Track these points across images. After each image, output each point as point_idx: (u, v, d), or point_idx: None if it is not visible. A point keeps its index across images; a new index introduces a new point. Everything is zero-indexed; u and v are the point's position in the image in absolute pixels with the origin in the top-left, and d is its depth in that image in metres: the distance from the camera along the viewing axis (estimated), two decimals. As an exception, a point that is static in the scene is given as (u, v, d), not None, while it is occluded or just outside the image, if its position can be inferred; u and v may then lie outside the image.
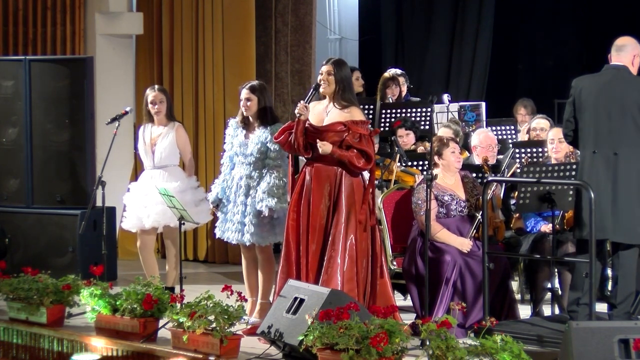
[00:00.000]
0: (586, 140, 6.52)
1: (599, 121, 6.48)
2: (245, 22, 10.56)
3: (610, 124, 6.47)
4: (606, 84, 6.54)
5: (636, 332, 5.50)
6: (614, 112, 6.48)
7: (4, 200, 9.52)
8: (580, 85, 6.60)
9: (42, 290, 7.30)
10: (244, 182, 7.32)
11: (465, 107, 9.98)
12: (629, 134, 6.48)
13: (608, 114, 6.48)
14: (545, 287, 7.24)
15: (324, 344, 5.75)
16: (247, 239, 7.27)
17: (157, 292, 6.84)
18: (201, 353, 6.34)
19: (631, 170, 6.46)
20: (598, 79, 6.60)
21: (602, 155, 6.45)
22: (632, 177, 6.46)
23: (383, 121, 9.99)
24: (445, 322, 5.59)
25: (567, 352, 5.49)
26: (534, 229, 7.54)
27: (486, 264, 6.55)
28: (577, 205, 6.56)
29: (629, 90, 6.52)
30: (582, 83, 6.61)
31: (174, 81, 10.70)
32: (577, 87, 6.60)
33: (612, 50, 6.62)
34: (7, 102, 9.47)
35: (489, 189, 6.96)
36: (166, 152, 8.13)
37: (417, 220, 7.23)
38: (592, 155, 6.48)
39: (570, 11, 13.30)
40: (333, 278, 6.62)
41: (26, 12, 10.49)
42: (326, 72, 6.79)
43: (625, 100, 6.48)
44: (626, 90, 6.51)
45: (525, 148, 8.63)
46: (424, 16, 13.79)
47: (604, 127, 6.47)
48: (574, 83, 6.63)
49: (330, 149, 6.65)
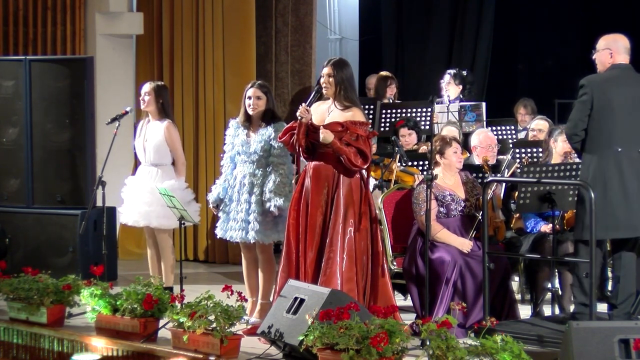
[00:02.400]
0: (607, 138, 6.41)
1: (623, 119, 6.41)
2: (245, 22, 10.56)
3: (632, 121, 6.45)
4: (621, 82, 6.50)
5: (636, 332, 5.50)
6: (634, 109, 6.46)
7: (4, 200, 9.52)
8: (594, 84, 6.49)
9: (43, 290, 7.30)
10: (248, 180, 7.32)
11: (465, 107, 9.97)
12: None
13: (629, 112, 6.45)
14: (545, 287, 7.24)
15: (324, 344, 5.75)
16: (252, 237, 7.26)
17: (158, 292, 6.84)
18: (201, 353, 6.34)
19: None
20: (611, 78, 6.51)
21: (627, 153, 6.40)
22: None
23: (383, 121, 10.00)
24: (446, 322, 5.60)
25: (567, 352, 5.49)
26: (534, 229, 7.53)
27: (486, 264, 6.56)
28: (583, 206, 6.45)
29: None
30: (595, 82, 6.50)
31: (174, 81, 10.69)
32: (591, 86, 6.47)
33: (622, 50, 6.56)
34: (7, 102, 9.47)
35: (489, 189, 6.96)
36: (156, 150, 8.07)
37: (417, 220, 7.23)
38: (617, 154, 6.38)
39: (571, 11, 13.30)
40: (332, 278, 6.62)
41: (26, 12, 10.49)
42: (326, 74, 6.81)
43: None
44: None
45: (525, 148, 8.63)
46: (424, 16, 13.78)
47: (628, 125, 6.42)
48: (587, 82, 6.50)
49: (331, 138, 6.65)
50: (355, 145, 6.68)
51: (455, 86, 10.33)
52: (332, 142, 6.66)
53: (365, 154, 6.71)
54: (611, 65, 6.55)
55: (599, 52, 6.61)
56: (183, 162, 8.22)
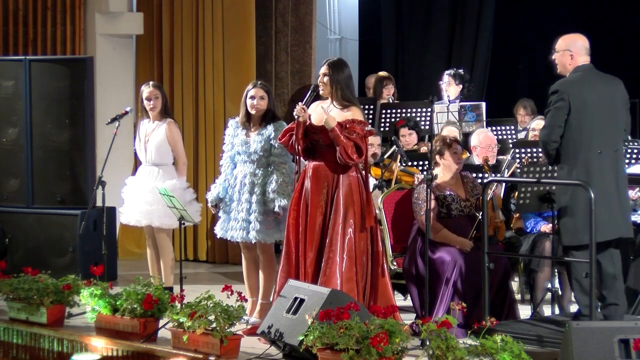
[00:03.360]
0: (588, 141, 6.34)
1: (601, 121, 6.37)
2: (245, 22, 10.56)
3: (609, 122, 6.44)
4: (591, 82, 6.46)
5: (636, 332, 5.50)
6: (608, 110, 6.44)
7: (4, 200, 9.52)
8: (568, 88, 6.39)
9: (42, 290, 7.30)
10: (248, 180, 7.32)
11: (465, 107, 9.98)
12: (621, 130, 6.50)
13: (605, 112, 6.43)
14: (545, 287, 7.24)
15: (324, 344, 5.75)
16: (253, 237, 7.27)
17: (157, 292, 6.84)
18: (201, 353, 6.34)
19: (624, 165, 6.51)
20: (581, 79, 6.45)
21: (607, 154, 6.36)
22: (625, 172, 6.48)
23: (383, 121, 10.00)
24: (446, 322, 5.59)
25: (567, 352, 5.49)
26: (534, 229, 7.54)
27: (486, 264, 6.55)
28: (574, 210, 6.38)
29: (616, 88, 6.50)
30: (568, 86, 6.41)
31: (174, 81, 10.70)
32: (566, 91, 6.38)
33: (583, 51, 6.53)
34: (7, 102, 9.48)
35: (489, 189, 6.96)
36: (158, 149, 8.08)
37: (417, 220, 7.23)
38: (598, 156, 6.33)
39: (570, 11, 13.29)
40: (332, 278, 6.62)
41: (26, 12, 10.50)
42: (322, 74, 6.83)
43: (615, 97, 6.47)
44: (614, 88, 6.50)
45: (525, 148, 8.63)
46: (424, 16, 13.78)
47: (605, 126, 6.40)
48: (560, 87, 6.40)
49: (334, 123, 6.64)
50: (352, 140, 6.68)
51: (456, 86, 10.33)
52: (332, 128, 6.65)
53: (360, 150, 6.71)
54: (575, 68, 6.47)
55: (559, 54, 6.51)
56: (184, 162, 8.23)
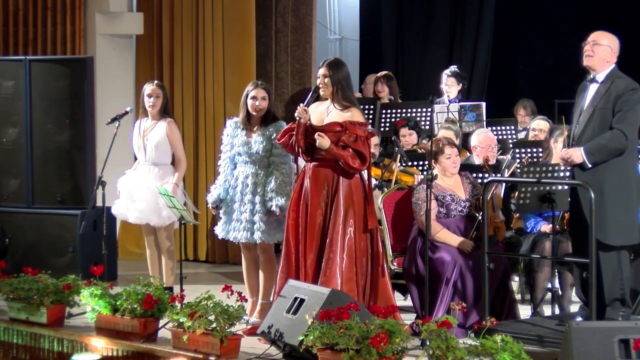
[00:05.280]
0: (633, 147, 6.40)
1: None
2: (245, 22, 10.56)
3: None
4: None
5: (636, 332, 5.50)
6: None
7: (4, 200, 9.52)
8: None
9: (42, 290, 7.30)
10: (251, 180, 7.32)
11: (465, 107, 9.98)
12: None
13: None
14: (545, 287, 7.24)
15: (324, 344, 5.75)
16: (258, 237, 7.26)
17: (157, 292, 6.84)
18: (201, 353, 6.34)
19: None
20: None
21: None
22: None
23: (383, 121, 10.00)
24: (446, 322, 5.60)
25: (567, 352, 5.49)
26: (534, 229, 7.54)
27: (486, 264, 6.55)
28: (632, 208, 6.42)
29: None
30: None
31: (174, 81, 10.70)
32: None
33: (617, 53, 6.55)
34: (7, 102, 9.47)
35: (489, 189, 6.96)
36: (157, 148, 8.06)
37: (417, 220, 7.23)
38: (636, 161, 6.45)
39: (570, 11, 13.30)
40: (332, 279, 6.62)
41: (26, 12, 10.49)
42: (322, 75, 6.81)
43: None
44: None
45: (525, 148, 8.63)
46: (424, 16, 13.79)
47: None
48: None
49: (327, 143, 6.65)
50: (353, 147, 6.67)
51: (456, 85, 10.36)
52: (328, 148, 6.66)
53: (363, 156, 6.70)
54: (616, 66, 6.50)
55: (601, 47, 6.51)
56: (184, 161, 8.23)
